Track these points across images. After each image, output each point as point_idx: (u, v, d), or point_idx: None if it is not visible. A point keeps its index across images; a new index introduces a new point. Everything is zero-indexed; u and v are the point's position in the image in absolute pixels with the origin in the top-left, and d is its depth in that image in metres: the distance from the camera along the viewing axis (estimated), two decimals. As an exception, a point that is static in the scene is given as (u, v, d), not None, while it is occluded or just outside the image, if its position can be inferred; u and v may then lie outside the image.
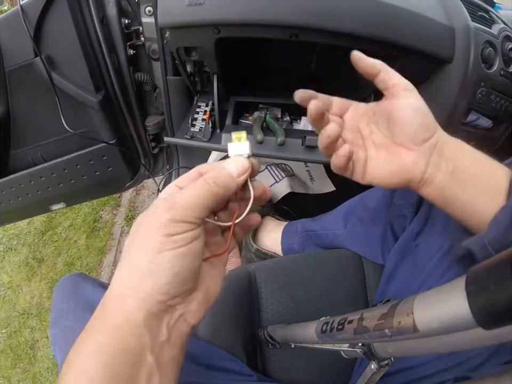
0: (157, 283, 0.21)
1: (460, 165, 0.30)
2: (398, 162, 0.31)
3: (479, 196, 0.30)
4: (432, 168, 0.30)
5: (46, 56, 0.60)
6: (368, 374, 0.29)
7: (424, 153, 0.30)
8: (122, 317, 0.21)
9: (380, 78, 0.31)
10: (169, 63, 0.66)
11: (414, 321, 0.19)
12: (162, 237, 0.21)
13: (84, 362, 0.21)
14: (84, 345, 0.22)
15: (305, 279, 0.53)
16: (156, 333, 0.22)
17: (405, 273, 0.45)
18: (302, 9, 0.47)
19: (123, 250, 0.24)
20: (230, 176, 0.24)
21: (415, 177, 0.31)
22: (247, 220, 0.26)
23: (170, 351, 0.22)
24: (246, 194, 0.26)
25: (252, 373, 0.43)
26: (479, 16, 0.61)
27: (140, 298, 0.21)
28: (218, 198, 0.24)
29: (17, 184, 0.75)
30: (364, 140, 0.33)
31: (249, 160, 0.25)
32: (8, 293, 1.24)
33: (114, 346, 0.21)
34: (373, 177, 0.32)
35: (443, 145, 0.31)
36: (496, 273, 0.15)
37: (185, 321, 0.23)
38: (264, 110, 0.71)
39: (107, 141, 0.70)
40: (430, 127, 0.31)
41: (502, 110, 0.62)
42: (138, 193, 1.32)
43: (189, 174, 0.26)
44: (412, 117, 0.30)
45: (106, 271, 1.17)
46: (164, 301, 0.22)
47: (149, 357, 0.21)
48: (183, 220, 0.22)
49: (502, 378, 0.20)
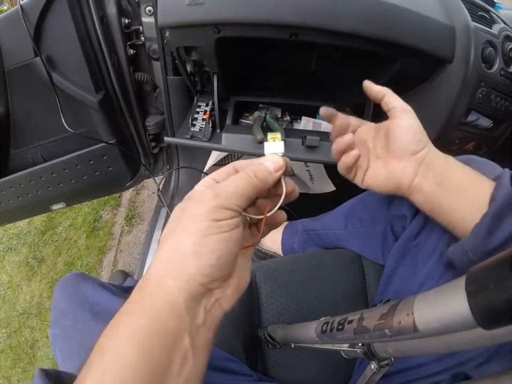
0: (201, 265, 0.22)
1: (446, 176, 0.35)
2: (390, 169, 0.38)
3: (462, 204, 0.34)
4: (419, 177, 0.36)
5: (46, 56, 0.60)
6: (368, 374, 0.29)
7: (412, 163, 0.36)
8: (162, 299, 0.21)
9: (384, 102, 0.38)
10: (169, 62, 0.66)
11: (414, 321, 0.19)
12: (209, 221, 0.22)
13: (120, 349, 0.20)
14: (119, 330, 0.21)
15: (305, 279, 0.53)
16: (194, 316, 0.22)
17: (405, 273, 0.45)
18: (302, 9, 0.47)
19: (162, 235, 0.25)
20: (268, 171, 0.26)
21: (404, 183, 0.37)
22: (275, 215, 0.28)
23: (205, 334, 0.23)
24: (277, 190, 0.28)
25: (252, 372, 0.43)
26: (480, 16, 0.61)
27: (182, 280, 0.22)
28: (258, 191, 0.25)
29: (17, 184, 0.75)
30: (369, 152, 0.40)
31: (283, 158, 0.27)
32: (8, 293, 1.24)
33: (153, 330, 0.21)
34: (370, 182, 0.40)
35: (432, 159, 0.36)
36: (496, 273, 0.15)
37: (220, 306, 0.24)
38: (264, 110, 0.71)
39: (107, 140, 0.70)
40: (420, 142, 0.37)
41: (502, 110, 0.62)
42: (139, 193, 1.32)
43: (225, 169, 0.27)
44: (404, 133, 0.37)
45: (106, 271, 1.17)
46: (205, 284, 0.22)
47: (186, 340, 0.21)
48: (229, 207, 0.23)
49: (502, 378, 0.20)
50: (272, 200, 0.28)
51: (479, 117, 0.61)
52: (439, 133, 0.60)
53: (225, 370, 0.41)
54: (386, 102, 0.38)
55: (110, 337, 0.21)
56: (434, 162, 0.36)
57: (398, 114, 0.37)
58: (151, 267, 0.23)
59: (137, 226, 1.23)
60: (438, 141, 0.61)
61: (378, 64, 0.60)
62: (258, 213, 0.29)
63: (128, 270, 1.12)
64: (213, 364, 0.40)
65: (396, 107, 0.37)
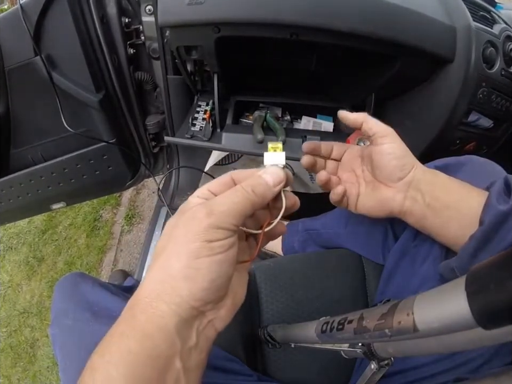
0: (194, 288, 0.21)
1: (435, 196, 0.35)
2: (379, 197, 0.38)
3: (453, 224, 0.34)
4: (409, 201, 0.36)
5: (46, 55, 0.60)
6: (368, 374, 0.29)
7: (401, 189, 0.36)
8: (154, 322, 0.21)
9: (363, 130, 0.37)
10: (169, 62, 0.66)
11: (414, 321, 0.19)
12: (201, 242, 0.21)
13: (111, 370, 0.20)
14: (111, 350, 0.21)
15: (305, 279, 0.53)
16: (185, 339, 0.22)
17: (405, 273, 0.45)
18: (302, 8, 0.47)
19: (154, 252, 0.24)
20: (267, 185, 0.25)
21: (394, 209, 0.37)
22: (274, 228, 0.27)
23: (197, 356, 0.22)
24: (277, 203, 0.26)
25: (252, 372, 0.43)
26: (481, 16, 0.61)
27: (174, 303, 0.21)
28: (255, 207, 0.24)
29: (17, 184, 0.75)
30: (358, 178, 0.40)
31: (284, 171, 0.26)
32: (8, 292, 1.24)
33: (145, 354, 0.20)
34: (363, 210, 0.39)
35: (419, 181, 0.36)
36: (496, 273, 0.15)
37: (213, 327, 0.23)
38: (264, 109, 0.71)
39: (107, 140, 0.70)
40: (404, 167, 0.36)
41: (503, 110, 0.62)
42: (139, 193, 1.32)
43: (222, 179, 0.26)
44: (387, 160, 0.36)
45: (106, 270, 1.17)
46: (197, 307, 0.22)
47: (177, 363, 0.21)
48: (223, 226, 0.22)
49: (502, 378, 0.20)
50: (271, 212, 0.27)
51: (479, 117, 0.61)
52: (439, 133, 0.60)
53: (225, 370, 0.41)
54: (365, 130, 0.37)
55: (102, 356, 0.21)
56: (422, 183, 0.35)
57: (378, 140, 0.36)
58: (142, 287, 0.23)
59: (137, 225, 1.23)
60: (438, 141, 0.61)
61: (378, 64, 0.60)
62: (256, 224, 0.27)
63: (128, 270, 1.12)
64: (213, 363, 0.40)
65: (375, 133, 0.36)
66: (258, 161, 1.00)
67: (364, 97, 0.67)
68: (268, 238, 0.29)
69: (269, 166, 0.26)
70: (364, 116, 0.37)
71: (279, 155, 0.26)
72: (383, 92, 0.65)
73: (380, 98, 0.66)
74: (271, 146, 0.27)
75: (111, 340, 0.22)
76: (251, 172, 0.26)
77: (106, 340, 0.22)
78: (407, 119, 0.65)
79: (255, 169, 0.26)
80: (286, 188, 0.26)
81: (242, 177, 0.26)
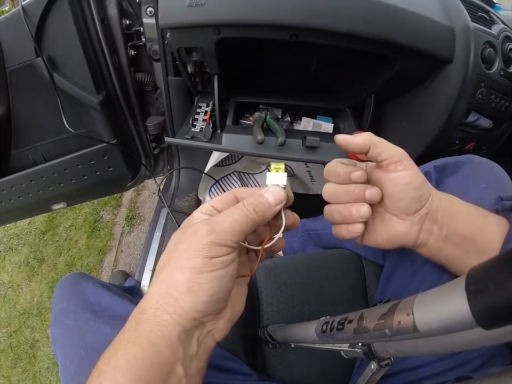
0: (194, 301, 0.23)
1: (452, 229, 0.31)
2: (392, 232, 0.32)
3: (470, 256, 0.31)
4: (424, 233, 0.32)
5: (48, 57, 0.60)
6: (368, 374, 0.29)
7: (416, 222, 0.31)
8: (158, 331, 0.22)
9: (370, 155, 0.30)
10: (170, 63, 0.66)
11: (414, 321, 0.19)
12: (203, 258, 0.22)
13: (117, 375, 0.21)
14: (117, 356, 0.22)
15: (305, 279, 0.53)
16: (187, 347, 0.23)
17: (404, 273, 0.45)
18: (301, 10, 0.47)
19: (158, 265, 0.25)
20: (268, 204, 0.26)
21: (408, 243, 0.33)
22: (274, 243, 0.28)
23: (198, 363, 0.24)
24: (277, 221, 0.27)
25: (252, 372, 0.43)
26: (479, 16, 0.61)
27: (177, 314, 0.22)
28: (255, 225, 0.25)
29: (18, 184, 0.75)
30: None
31: (285, 191, 0.27)
32: (8, 293, 1.25)
33: (149, 360, 0.22)
34: (371, 243, 0.34)
35: (436, 211, 0.31)
36: (496, 273, 0.15)
37: (212, 337, 0.25)
38: (264, 111, 0.72)
39: (108, 141, 0.71)
40: (422, 198, 0.31)
41: (502, 111, 0.62)
42: (139, 194, 1.32)
43: (225, 196, 0.27)
44: (403, 191, 0.30)
45: (106, 271, 1.17)
46: (198, 318, 0.23)
47: (179, 369, 0.23)
48: (223, 243, 0.23)
49: (502, 378, 0.20)
50: (271, 228, 0.28)
51: (479, 117, 0.61)
52: (439, 133, 0.60)
53: (225, 369, 0.41)
54: (373, 156, 0.30)
55: (108, 362, 0.22)
56: (439, 214, 0.31)
57: (391, 166, 0.29)
58: (147, 297, 0.24)
59: (138, 226, 1.23)
60: (438, 141, 0.61)
61: (378, 65, 0.60)
62: (256, 240, 0.28)
63: (129, 271, 1.13)
64: (213, 363, 0.40)
65: (387, 157, 0.29)
66: (258, 162, 1.00)
67: (364, 98, 0.67)
68: (267, 253, 0.30)
69: (270, 185, 0.27)
70: (369, 138, 0.30)
71: (281, 175, 0.27)
72: (382, 93, 0.65)
73: (379, 99, 0.66)
74: (274, 166, 0.27)
75: (117, 346, 0.23)
76: (253, 191, 0.27)
77: (112, 347, 0.23)
78: (406, 120, 0.66)
79: (257, 188, 0.27)
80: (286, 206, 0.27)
81: (245, 195, 0.27)
